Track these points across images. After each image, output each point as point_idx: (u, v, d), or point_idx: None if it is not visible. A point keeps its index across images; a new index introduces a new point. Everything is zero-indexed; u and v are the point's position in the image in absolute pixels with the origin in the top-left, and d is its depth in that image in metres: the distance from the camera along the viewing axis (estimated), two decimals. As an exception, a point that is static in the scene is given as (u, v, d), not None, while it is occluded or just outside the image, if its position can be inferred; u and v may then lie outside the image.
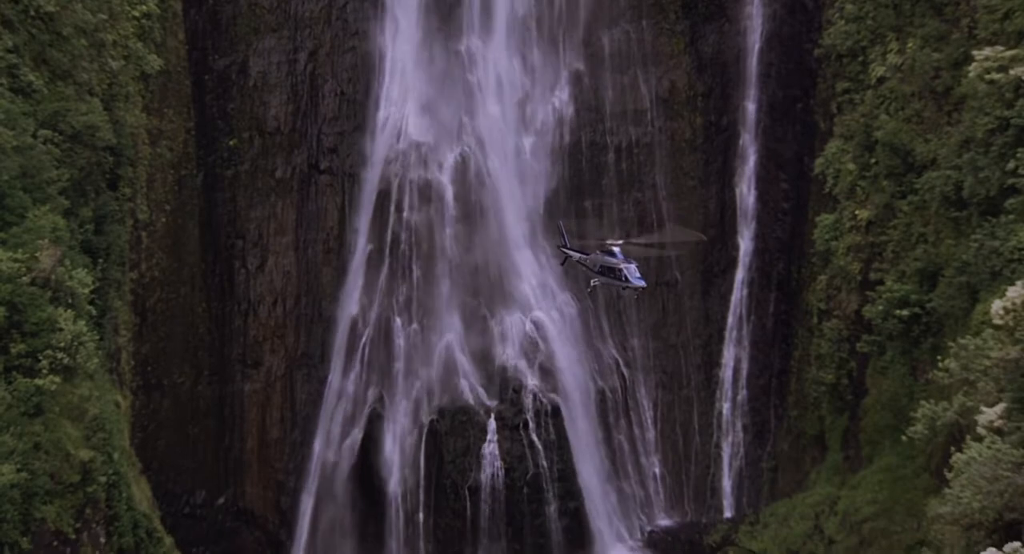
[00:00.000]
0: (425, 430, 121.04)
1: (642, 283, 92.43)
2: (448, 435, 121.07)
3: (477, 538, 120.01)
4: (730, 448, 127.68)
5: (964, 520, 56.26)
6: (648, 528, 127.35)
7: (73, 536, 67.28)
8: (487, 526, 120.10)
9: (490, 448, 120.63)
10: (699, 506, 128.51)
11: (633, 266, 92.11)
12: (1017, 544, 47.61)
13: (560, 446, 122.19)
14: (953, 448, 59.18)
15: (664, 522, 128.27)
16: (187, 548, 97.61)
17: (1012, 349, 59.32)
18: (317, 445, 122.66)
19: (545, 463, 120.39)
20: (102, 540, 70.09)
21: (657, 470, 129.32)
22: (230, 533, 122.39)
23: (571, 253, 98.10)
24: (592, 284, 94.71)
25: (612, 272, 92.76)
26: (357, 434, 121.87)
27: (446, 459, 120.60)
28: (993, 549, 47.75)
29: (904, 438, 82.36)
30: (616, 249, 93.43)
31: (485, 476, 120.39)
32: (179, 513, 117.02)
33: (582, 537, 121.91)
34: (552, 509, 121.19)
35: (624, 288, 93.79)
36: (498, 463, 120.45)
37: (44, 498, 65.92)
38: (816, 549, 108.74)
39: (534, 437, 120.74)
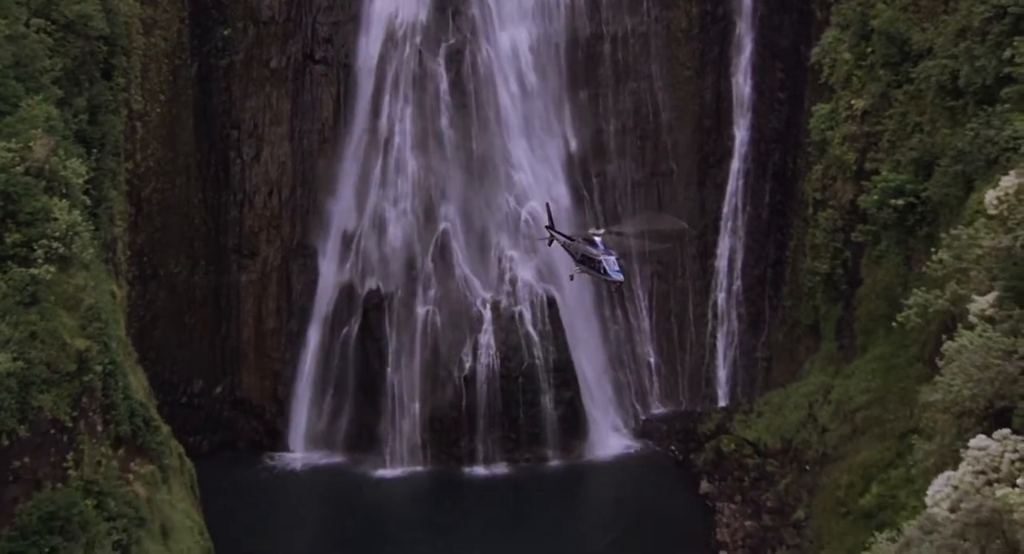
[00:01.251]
0: (421, 320, 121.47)
1: (619, 277, 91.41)
2: (444, 325, 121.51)
3: (473, 428, 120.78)
4: (725, 338, 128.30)
5: (955, 408, 56.55)
6: (643, 417, 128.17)
7: (70, 424, 67.61)
8: (483, 416, 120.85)
9: (486, 338, 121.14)
10: (694, 395, 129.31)
11: (612, 258, 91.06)
12: (1007, 431, 47.82)
13: (555, 336, 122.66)
14: (945, 337, 59.37)
15: (659, 411, 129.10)
16: (184, 437, 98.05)
17: (1004, 238, 59.33)
18: (313, 335, 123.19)
19: (540, 353, 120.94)
20: (99, 428, 70.49)
21: (652, 360, 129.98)
22: (227, 422, 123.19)
23: (557, 235, 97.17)
24: (573, 272, 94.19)
25: (591, 262, 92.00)
26: (353, 324, 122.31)
27: (442, 349, 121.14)
28: (983, 436, 47.95)
29: (897, 326, 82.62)
30: (598, 239, 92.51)
31: (481, 366, 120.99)
32: (176, 402, 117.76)
33: (577, 426, 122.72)
34: (547, 399, 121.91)
35: (604, 280, 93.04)
36: (494, 353, 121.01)
37: (41, 387, 66.13)
38: (810, 437, 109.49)
39: (529, 327, 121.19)
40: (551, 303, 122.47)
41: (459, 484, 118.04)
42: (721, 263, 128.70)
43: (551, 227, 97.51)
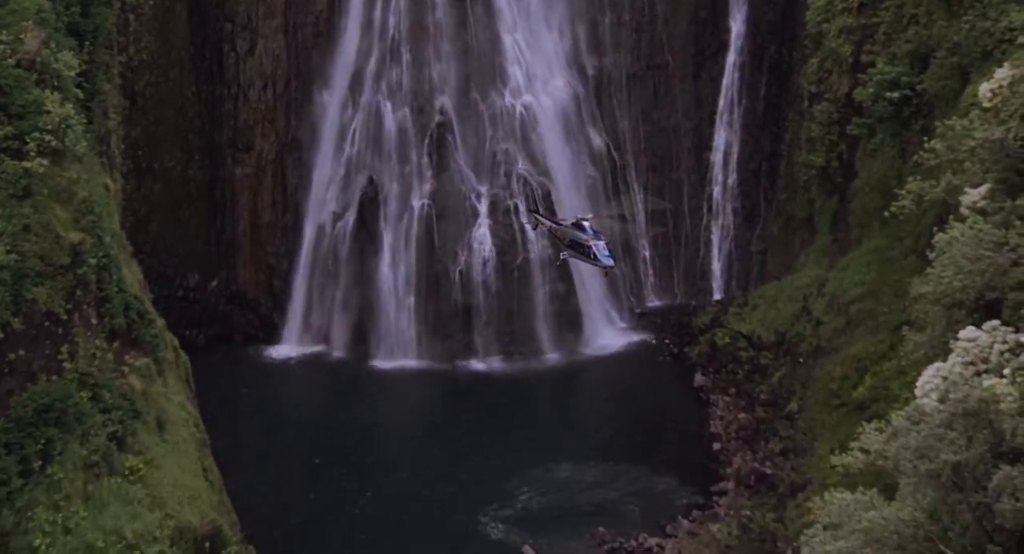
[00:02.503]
0: (416, 214, 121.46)
1: (610, 262, 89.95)
2: (440, 218, 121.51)
3: (468, 322, 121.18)
4: (720, 231, 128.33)
5: (945, 299, 56.74)
6: (638, 311, 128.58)
7: (64, 317, 67.80)
8: (478, 310, 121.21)
9: (481, 232, 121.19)
10: (689, 289, 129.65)
11: (602, 243, 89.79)
12: (996, 322, 48.09)
13: (550, 230, 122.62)
14: (937, 229, 59.42)
15: (654, 305, 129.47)
16: (180, 330, 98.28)
17: (997, 130, 59.24)
18: (308, 229, 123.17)
19: (536, 247, 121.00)
20: (93, 321, 70.64)
21: (647, 254, 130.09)
22: (223, 316, 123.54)
23: (543, 220, 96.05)
24: (561, 257, 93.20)
25: (580, 247, 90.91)
26: (348, 218, 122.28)
27: (437, 243, 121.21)
28: (973, 327, 48.24)
29: (891, 218, 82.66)
30: (586, 224, 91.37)
31: (476, 260, 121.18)
32: (172, 296, 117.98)
33: (572, 321, 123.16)
34: (542, 293, 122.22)
35: (595, 265, 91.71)
36: (489, 248, 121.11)
37: (35, 279, 66.24)
38: (803, 330, 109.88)
39: (524, 221, 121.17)
40: (546, 196, 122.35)
41: (454, 378, 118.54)
42: (716, 156, 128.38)
43: (536, 211, 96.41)
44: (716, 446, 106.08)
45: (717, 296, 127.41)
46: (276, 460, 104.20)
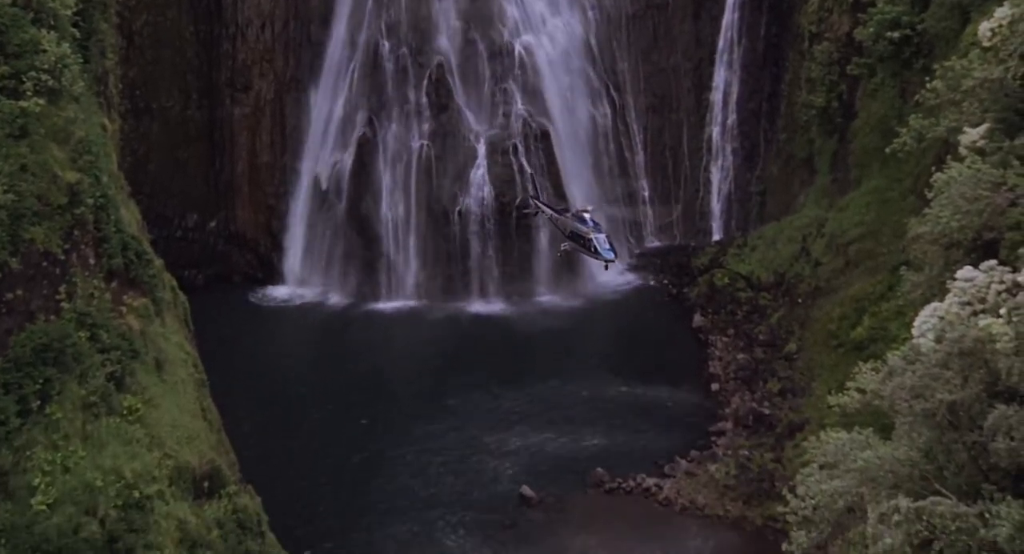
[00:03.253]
0: (415, 154, 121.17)
1: (611, 256, 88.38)
2: (438, 159, 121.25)
3: (467, 262, 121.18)
4: (719, 172, 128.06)
5: (943, 239, 56.61)
6: (637, 251, 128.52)
7: (62, 257, 67.59)
8: (477, 251, 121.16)
9: (480, 173, 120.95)
10: (688, 230, 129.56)
11: (603, 236, 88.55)
12: (993, 262, 47.96)
13: (549, 170, 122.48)
14: (935, 169, 59.23)
15: (653, 245, 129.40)
16: (179, 271, 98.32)
17: (996, 69, 58.92)
18: (307, 169, 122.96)
19: (534, 187, 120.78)
20: (91, 261, 70.43)
21: (646, 194, 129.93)
22: (222, 256, 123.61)
23: (543, 207, 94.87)
24: (561, 249, 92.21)
25: (581, 240, 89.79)
26: (347, 158, 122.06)
27: (436, 184, 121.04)
28: (970, 267, 48.12)
29: (891, 159, 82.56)
30: (587, 215, 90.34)
31: (475, 201, 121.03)
32: (171, 236, 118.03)
33: (571, 261, 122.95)
34: (542, 234, 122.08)
35: (595, 259, 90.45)
36: (488, 188, 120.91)
37: (32, 219, 65.99)
38: (802, 271, 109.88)
39: (523, 161, 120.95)
40: (545, 136, 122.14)
41: (453, 319, 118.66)
42: (716, 96, 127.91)
43: (536, 198, 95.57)
44: (714, 386, 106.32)
45: (716, 237, 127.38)
46: (275, 400, 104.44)
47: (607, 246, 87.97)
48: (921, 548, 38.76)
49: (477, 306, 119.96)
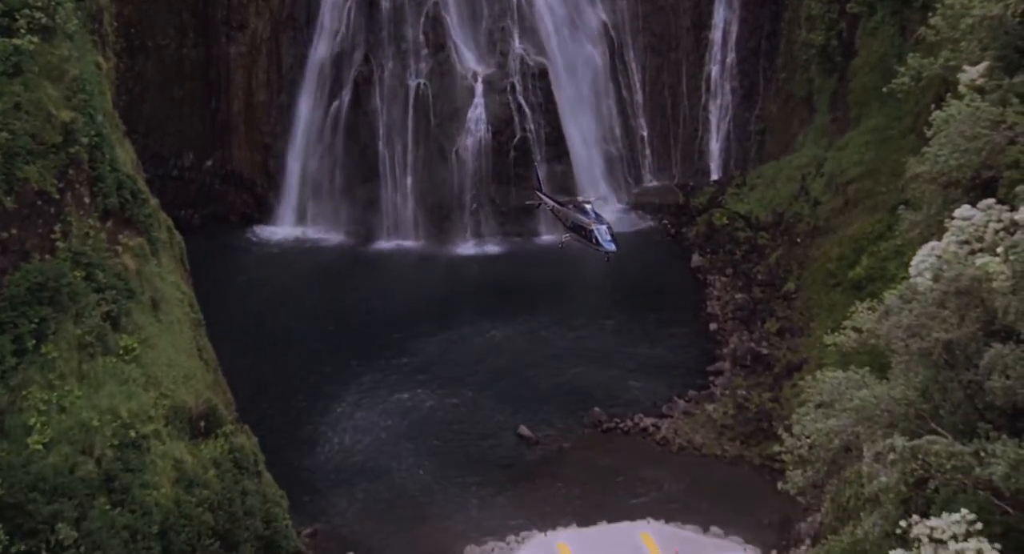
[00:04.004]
0: (412, 93, 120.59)
1: (612, 247, 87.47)
2: (435, 98, 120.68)
3: (464, 201, 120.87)
4: (718, 111, 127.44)
5: (942, 178, 56.39)
6: (635, 191, 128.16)
7: (57, 196, 67.37)
8: (474, 190, 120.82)
9: (477, 111, 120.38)
10: (686, 169, 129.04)
11: (604, 227, 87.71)
12: (991, 201, 47.66)
13: (547, 109, 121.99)
14: (935, 107, 58.86)
15: (652, 185, 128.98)
16: (175, 210, 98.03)
17: (995, 7, 58.40)
18: (303, 108, 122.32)
19: (532, 126, 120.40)
20: (86, 200, 70.20)
21: (645, 133, 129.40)
22: (218, 195, 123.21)
23: (544, 198, 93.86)
24: (563, 240, 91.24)
25: (582, 231, 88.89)
26: (344, 96, 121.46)
27: (433, 122, 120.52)
28: (968, 206, 47.83)
29: (891, 97, 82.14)
30: (588, 206, 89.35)
31: (472, 140, 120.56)
32: (167, 176, 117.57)
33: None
34: (540, 173, 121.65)
35: (596, 250, 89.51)
36: (485, 126, 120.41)
37: (26, 158, 65.77)
38: (801, 210, 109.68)
39: (521, 100, 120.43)
40: (543, 75, 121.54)
41: (451, 259, 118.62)
42: (715, 35, 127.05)
43: (538, 188, 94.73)
44: (713, 326, 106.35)
45: (715, 176, 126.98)
46: (271, 340, 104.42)
47: (608, 237, 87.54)
48: (916, 487, 38.83)
49: (474, 246, 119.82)
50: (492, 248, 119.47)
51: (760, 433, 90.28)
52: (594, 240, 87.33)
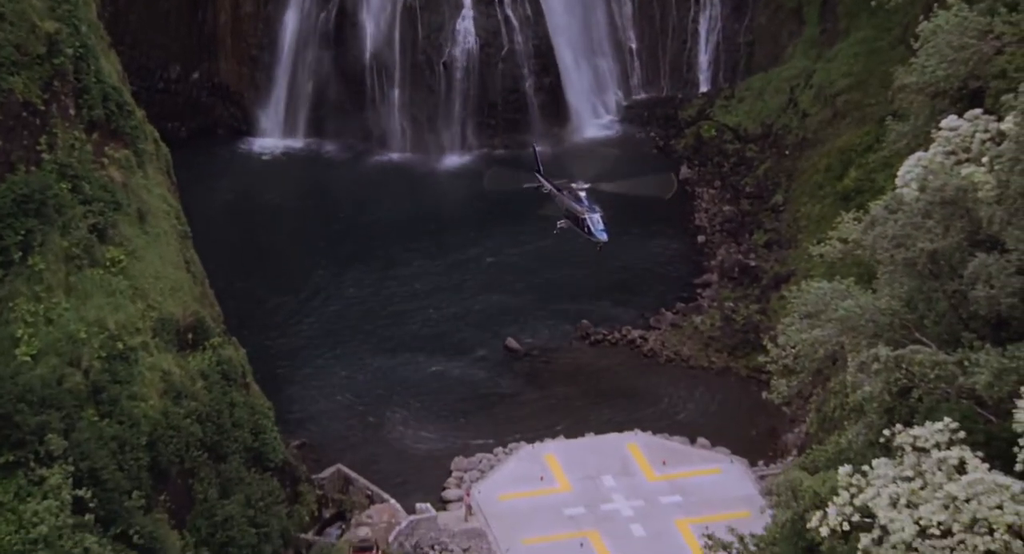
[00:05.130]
0: (400, 5, 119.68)
1: (604, 237, 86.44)
2: (423, 10, 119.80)
3: (452, 114, 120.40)
4: (707, 22, 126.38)
5: (929, 88, 56.13)
6: (624, 103, 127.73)
7: (42, 107, 67.18)
8: (462, 102, 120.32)
9: (465, 24, 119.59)
10: (675, 81, 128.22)
11: (597, 216, 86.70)
12: (979, 111, 47.58)
13: (536, 22, 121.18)
14: (922, 17, 58.52)
15: (640, 97, 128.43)
16: (162, 123, 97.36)
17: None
18: (291, 19, 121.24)
19: (520, 39, 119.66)
20: (72, 112, 69.91)
21: (634, 46, 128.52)
22: (205, 108, 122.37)
23: (543, 182, 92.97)
24: (558, 226, 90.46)
25: (575, 219, 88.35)
26: (331, 8, 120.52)
27: (421, 35, 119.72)
28: (954, 116, 47.73)
29: (878, 6, 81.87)
30: (583, 194, 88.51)
31: (460, 52, 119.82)
32: (153, 88, 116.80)
33: (558, 112, 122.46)
34: (528, 85, 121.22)
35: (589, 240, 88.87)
36: (473, 39, 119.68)
37: (10, 69, 65.53)
38: (790, 122, 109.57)
39: (509, 12, 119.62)
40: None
41: (439, 170, 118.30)
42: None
43: (538, 171, 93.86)
44: (701, 239, 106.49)
45: (703, 88, 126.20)
46: (259, 252, 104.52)
47: (600, 227, 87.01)
48: (900, 396, 38.92)
49: (463, 157, 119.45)
50: (481, 159, 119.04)
51: (747, 345, 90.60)
52: (586, 229, 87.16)
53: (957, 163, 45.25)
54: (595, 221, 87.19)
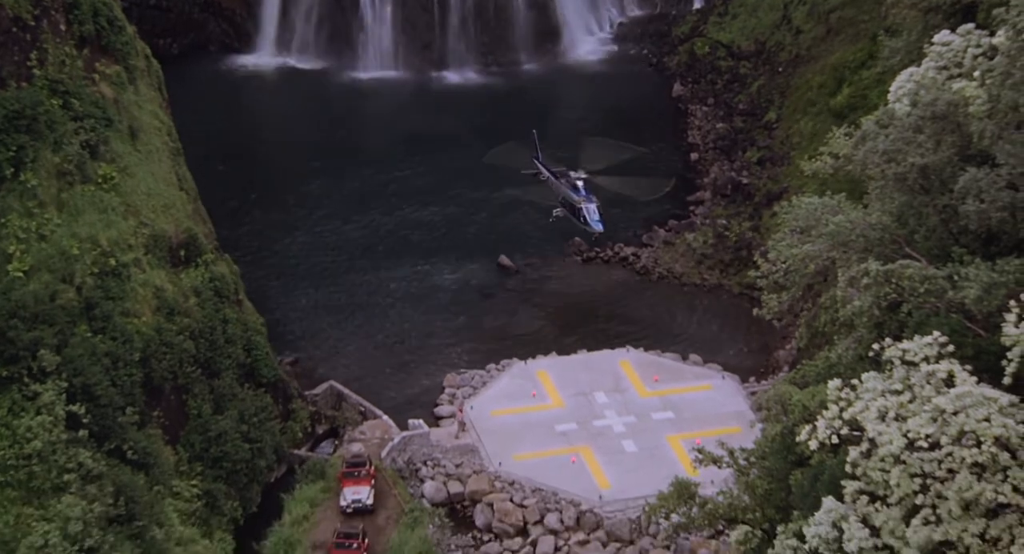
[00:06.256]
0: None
1: (599, 227, 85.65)
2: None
3: (445, 31, 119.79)
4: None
5: (922, 3, 56.12)
6: (618, 20, 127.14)
7: (32, 22, 66.80)
8: (454, 20, 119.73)
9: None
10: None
11: (594, 206, 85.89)
12: (971, 26, 47.43)
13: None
14: (917, -69, 58.33)
15: (634, 14, 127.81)
16: (154, 39, 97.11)
17: None
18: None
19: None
20: (62, 27, 69.53)
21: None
22: (197, 24, 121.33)
23: (541, 168, 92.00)
24: (554, 215, 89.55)
25: (572, 209, 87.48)
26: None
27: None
28: (947, 31, 47.57)
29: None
30: (580, 183, 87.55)
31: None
32: (144, 4, 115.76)
33: (550, 30, 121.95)
34: (520, 2, 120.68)
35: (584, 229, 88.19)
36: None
37: (0, -16, 65.40)
38: (783, 39, 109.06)
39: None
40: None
41: (432, 88, 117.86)
42: None
43: (537, 158, 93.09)
44: (693, 156, 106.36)
45: (697, 5, 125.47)
46: (252, 169, 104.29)
47: (596, 217, 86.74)
48: (890, 310, 39.05)
49: (456, 75, 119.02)
50: (473, 77, 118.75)
51: (739, 262, 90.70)
52: (582, 219, 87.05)
53: (949, 78, 45.19)
54: (591, 211, 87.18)
